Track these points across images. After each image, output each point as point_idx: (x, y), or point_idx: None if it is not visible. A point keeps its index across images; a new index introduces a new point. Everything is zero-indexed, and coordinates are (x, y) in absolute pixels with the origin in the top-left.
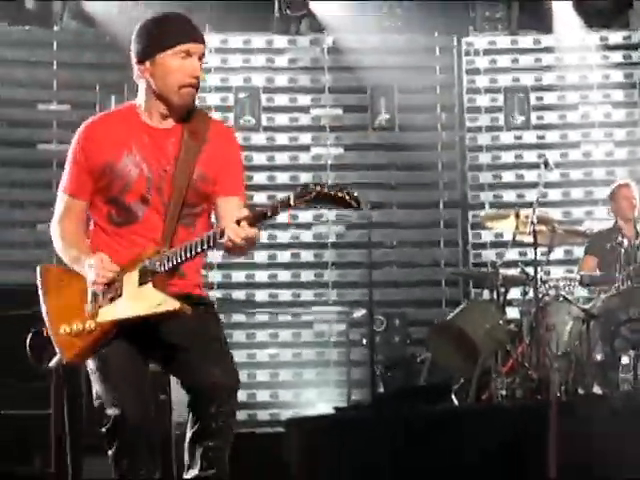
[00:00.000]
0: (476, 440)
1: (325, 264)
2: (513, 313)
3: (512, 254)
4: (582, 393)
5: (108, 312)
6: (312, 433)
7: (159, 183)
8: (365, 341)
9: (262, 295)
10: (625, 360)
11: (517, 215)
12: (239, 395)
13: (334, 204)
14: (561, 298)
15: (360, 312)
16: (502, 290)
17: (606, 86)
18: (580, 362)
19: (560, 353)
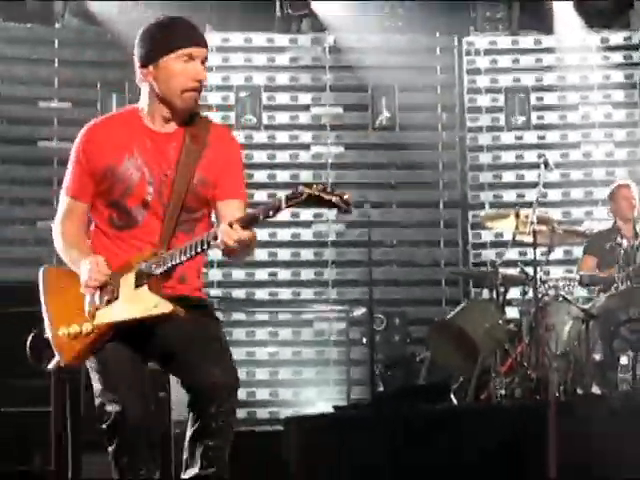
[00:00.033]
0: (475, 439)
1: (325, 262)
2: (512, 313)
3: (512, 254)
4: (581, 393)
5: (105, 314)
6: (311, 432)
7: (160, 187)
8: (365, 340)
9: (262, 293)
10: (624, 360)
11: (517, 215)
12: (239, 393)
13: (325, 206)
14: (560, 298)
15: (360, 311)
16: (502, 290)
17: (606, 86)
18: (579, 362)
19: (559, 353)
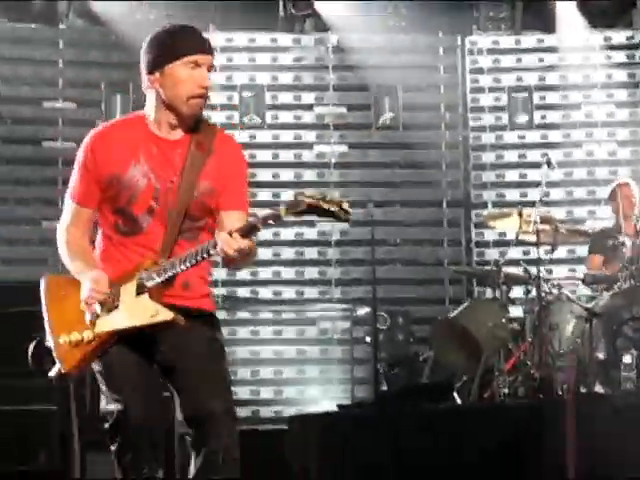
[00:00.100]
0: (478, 438)
1: (329, 261)
2: (516, 312)
3: (515, 253)
4: (584, 392)
5: (105, 323)
6: (315, 430)
7: (165, 194)
8: (368, 339)
9: (266, 292)
10: (627, 359)
11: (520, 214)
12: (243, 392)
13: (324, 216)
14: (564, 297)
15: (363, 310)
16: (505, 289)
17: (609, 86)
18: (582, 361)
19: (562, 352)
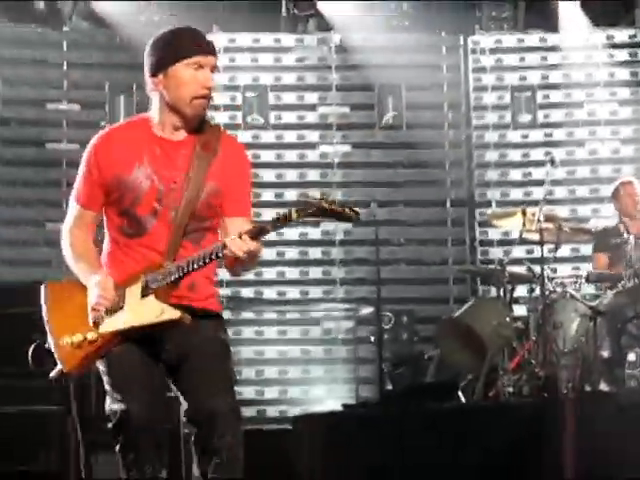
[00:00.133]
0: (483, 437)
1: (333, 261)
2: (520, 310)
3: (519, 252)
4: (589, 390)
5: (110, 323)
6: (320, 430)
7: (169, 195)
8: (373, 338)
9: (270, 292)
10: (632, 357)
11: (524, 213)
12: (248, 392)
13: (334, 218)
14: (568, 295)
15: (368, 309)
16: (509, 287)
17: (612, 84)
18: (587, 359)
19: (567, 350)
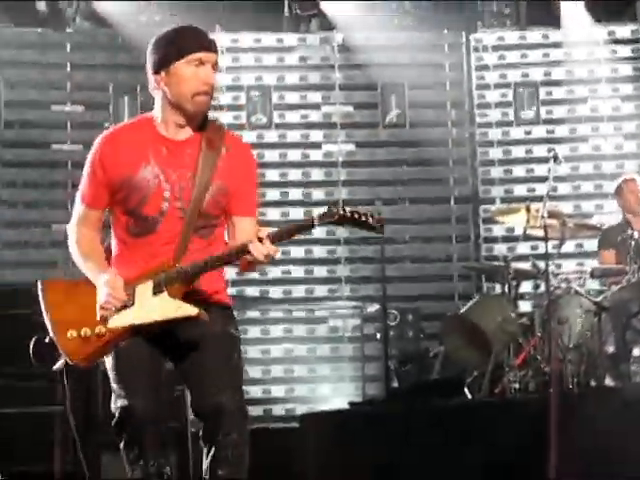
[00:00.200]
0: (489, 433)
1: (338, 260)
2: (525, 306)
3: (523, 248)
4: (594, 385)
5: (120, 319)
6: (327, 428)
7: (177, 195)
8: (379, 336)
9: (276, 291)
10: (637, 352)
11: (528, 209)
12: (255, 391)
13: (357, 227)
14: (572, 291)
15: (373, 307)
16: (514, 284)
17: (615, 80)
18: (592, 354)
19: (572, 346)
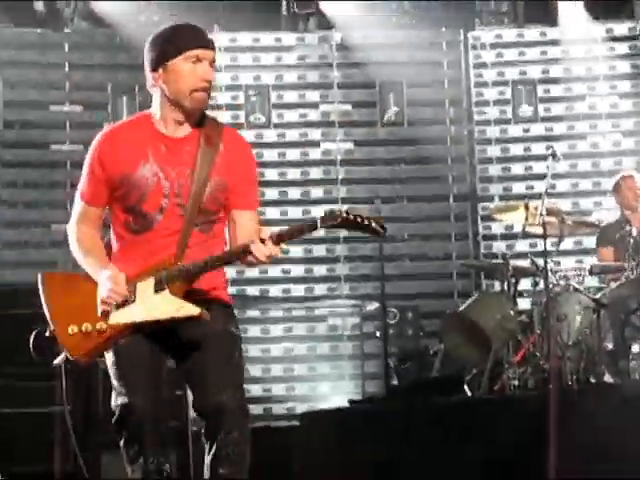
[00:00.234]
0: (489, 430)
1: (337, 258)
2: (524, 304)
3: (522, 245)
4: (593, 382)
5: (121, 315)
6: (327, 426)
7: (176, 191)
8: (378, 334)
9: (275, 290)
10: (635, 348)
11: (526, 207)
12: (255, 390)
13: (359, 230)
14: (571, 288)
15: (373, 305)
16: (513, 281)
17: (612, 77)
18: (591, 351)
19: (571, 343)
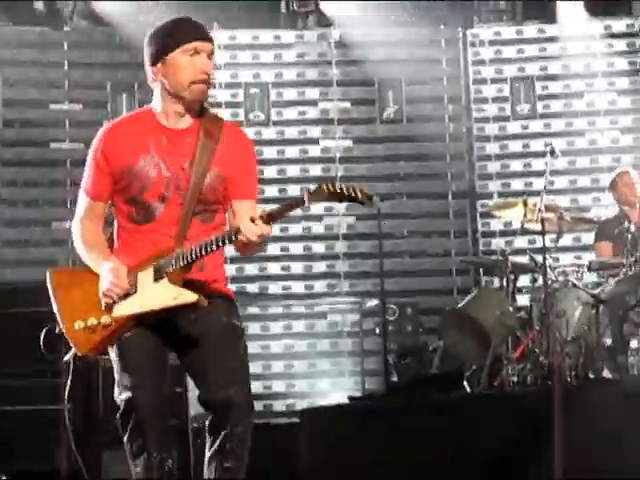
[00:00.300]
0: (489, 426)
1: (337, 255)
2: (523, 300)
3: (521, 242)
4: (592, 378)
5: (124, 307)
6: (327, 423)
7: (177, 181)
8: (378, 330)
9: (275, 287)
10: (634, 344)
11: (525, 203)
12: (255, 386)
13: (347, 200)
14: (570, 284)
15: (372, 302)
16: (512, 277)
17: (611, 74)
18: (590, 347)
19: (570, 338)
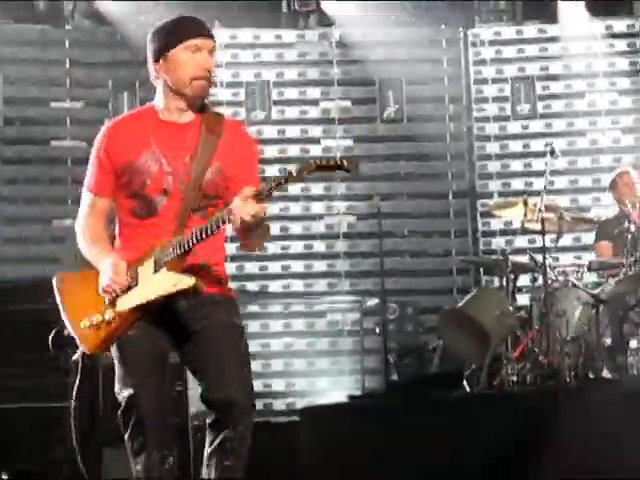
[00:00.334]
0: (488, 426)
1: (337, 254)
2: (523, 300)
3: (521, 241)
4: (592, 377)
5: (126, 300)
6: (327, 421)
7: (178, 176)
8: (378, 330)
9: (275, 286)
10: (634, 344)
11: (525, 203)
12: (255, 385)
13: (331, 170)
14: (570, 284)
15: (373, 301)
16: (512, 277)
17: (612, 74)
18: (589, 347)
19: (570, 338)
